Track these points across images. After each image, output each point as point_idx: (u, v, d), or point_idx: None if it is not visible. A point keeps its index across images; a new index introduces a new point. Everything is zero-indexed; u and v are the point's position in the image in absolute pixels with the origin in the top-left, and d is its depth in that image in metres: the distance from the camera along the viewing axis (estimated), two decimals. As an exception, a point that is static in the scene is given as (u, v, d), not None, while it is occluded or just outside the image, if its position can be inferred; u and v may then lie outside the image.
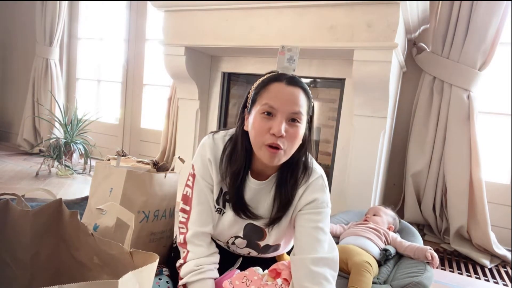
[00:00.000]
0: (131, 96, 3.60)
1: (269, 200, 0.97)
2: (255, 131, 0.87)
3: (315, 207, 0.94)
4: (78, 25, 3.91)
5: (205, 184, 0.99)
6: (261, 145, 0.87)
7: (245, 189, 0.97)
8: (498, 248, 1.98)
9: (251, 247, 1.05)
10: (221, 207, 1.01)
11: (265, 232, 1.00)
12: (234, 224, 1.01)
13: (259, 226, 1.00)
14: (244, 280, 0.96)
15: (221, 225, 1.02)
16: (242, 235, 1.02)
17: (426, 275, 1.24)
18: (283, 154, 0.87)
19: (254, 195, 0.97)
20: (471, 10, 2.00)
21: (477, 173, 2.02)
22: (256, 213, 0.98)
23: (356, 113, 1.98)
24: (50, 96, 3.70)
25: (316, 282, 0.85)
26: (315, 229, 0.92)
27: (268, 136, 0.85)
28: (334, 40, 1.83)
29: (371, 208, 1.67)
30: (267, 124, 0.85)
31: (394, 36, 1.70)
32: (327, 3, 1.82)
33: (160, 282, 1.16)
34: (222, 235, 1.05)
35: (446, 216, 2.15)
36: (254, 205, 0.98)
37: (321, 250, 0.90)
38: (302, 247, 0.91)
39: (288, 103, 0.85)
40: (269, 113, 0.86)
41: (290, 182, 0.93)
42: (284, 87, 0.87)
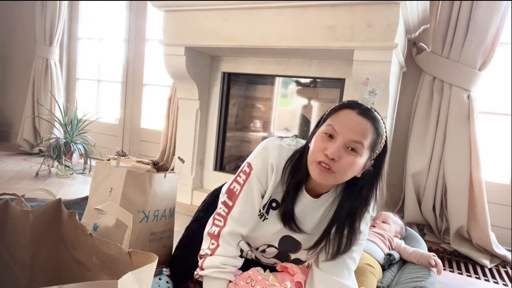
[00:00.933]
0: (131, 96, 3.60)
1: (316, 219, 0.99)
2: (313, 147, 0.90)
3: (357, 253, 0.98)
4: (78, 25, 3.91)
5: (258, 187, 0.98)
6: (313, 161, 0.88)
7: (298, 203, 0.97)
8: (498, 248, 1.98)
9: (279, 258, 1.06)
10: (264, 213, 1.00)
11: (301, 246, 1.01)
12: (272, 233, 1.01)
13: (297, 240, 1.00)
14: (248, 281, 0.96)
15: (259, 230, 1.01)
16: (277, 245, 1.02)
17: (430, 281, 1.24)
18: (332, 177, 0.87)
19: (303, 209, 0.98)
20: (471, 10, 2.00)
21: (477, 173, 2.02)
22: (301, 227, 0.98)
23: (356, 113, 1.97)
24: (50, 96, 3.70)
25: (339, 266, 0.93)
26: (349, 258, 0.96)
27: (321, 155, 0.87)
28: (334, 40, 1.83)
29: (381, 214, 1.67)
30: (325, 144, 0.87)
31: (394, 36, 1.70)
32: (327, 3, 1.82)
33: (160, 282, 1.16)
34: (256, 240, 1.04)
35: (446, 216, 2.15)
36: (302, 219, 0.98)
37: (348, 278, 0.95)
38: (333, 270, 0.95)
39: (351, 131, 0.86)
40: (331, 135, 0.88)
41: (354, 226, 0.94)
42: (353, 115, 0.88)
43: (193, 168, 2.57)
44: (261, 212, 1.00)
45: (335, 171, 0.86)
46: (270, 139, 1.02)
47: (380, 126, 0.91)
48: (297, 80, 2.36)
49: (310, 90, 2.34)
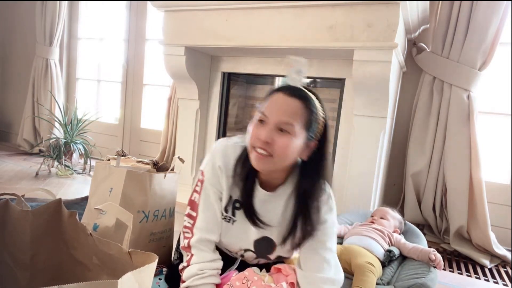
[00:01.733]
0: (131, 96, 3.60)
1: (278, 212, 0.98)
2: (249, 136, 0.91)
3: (324, 228, 0.96)
4: (78, 25, 3.91)
5: (213, 191, 0.99)
6: (251, 149, 0.90)
7: (255, 198, 0.98)
8: (498, 248, 1.98)
9: (261, 257, 1.07)
10: (230, 215, 1.01)
11: (275, 245, 1.01)
12: (246, 235, 1.01)
13: (270, 238, 1.00)
14: (244, 281, 0.96)
15: (231, 234, 1.01)
16: (253, 249, 1.03)
17: (430, 277, 1.23)
18: (271, 162, 0.87)
19: (263, 204, 0.98)
20: (471, 10, 2.00)
21: (477, 173, 2.02)
22: (265, 221, 0.98)
23: (356, 113, 1.98)
24: (50, 96, 3.70)
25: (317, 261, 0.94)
26: (323, 249, 0.96)
27: (256, 141, 0.88)
28: (334, 40, 1.83)
29: (378, 210, 1.66)
30: (258, 130, 0.88)
31: (394, 36, 1.70)
32: (327, 3, 1.82)
33: (160, 282, 1.17)
34: (232, 246, 1.05)
35: (446, 216, 2.15)
36: (264, 213, 0.98)
37: (329, 270, 0.96)
38: (311, 266, 0.96)
39: (280, 112, 0.86)
40: (262, 120, 0.89)
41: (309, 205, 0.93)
42: (281, 97, 0.88)
43: (193, 168, 2.57)
44: (227, 216, 1.00)
45: (273, 154, 0.86)
46: (218, 141, 1.03)
47: (312, 104, 0.89)
48: (297, 80, 2.36)
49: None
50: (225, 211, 1.00)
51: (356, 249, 1.34)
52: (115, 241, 0.85)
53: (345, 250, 1.34)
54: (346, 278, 1.24)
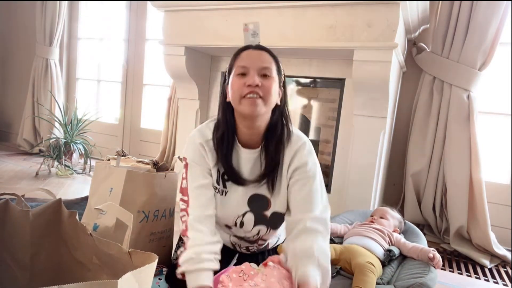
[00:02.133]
0: (131, 96, 3.60)
1: (261, 168, 1.04)
2: (233, 89, 0.97)
3: (306, 171, 1.01)
4: (78, 25, 3.91)
5: (199, 169, 1.03)
6: (240, 99, 0.96)
7: (239, 160, 1.04)
8: (498, 248, 1.98)
9: (260, 222, 1.07)
10: (222, 188, 1.04)
11: (269, 200, 1.04)
12: (240, 200, 1.04)
13: (262, 194, 1.04)
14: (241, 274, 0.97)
15: (226, 205, 1.04)
16: (249, 209, 1.05)
17: (430, 276, 1.23)
18: (262, 103, 0.95)
19: (245, 162, 1.04)
20: (471, 10, 2.00)
21: (477, 173, 2.02)
22: (247, 178, 1.03)
23: (356, 113, 1.97)
24: (50, 96, 3.70)
25: (312, 235, 0.94)
26: (309, 191, 1.00)
27: (244, 89, 0.94)
28: (334, 40, 1.83)
29: (378, 210, 1.66)
30: (242, 80, 0.96)
31: (394, 36, 1.70)
32: (327, 3, 1.82)
33: (160, 282, 1.17)
34: (229, 216, 1.06)
35: (446, 216, 2.15)
36: (247, 171, 1.03)
37: (316, 209, 0.98)
38: (298, 208, 0.99)
39: (257, 61, 0.97)
40: (243, 73, 0.97)
41: (274, 141, 1.01)
42: (252, 51, 1.00)
43: (193, 168, 2.57)
44: (219, 189, 1.05)
45: (262, 96, 0.94)
46: (191, 133, 1.09)
47: (275, 55, 1.03)
48: (297, 80, 2.36)
49: (310, 90, 2.34)
50: (217, 184, 1.04)
51: (356, 248, 1.34)
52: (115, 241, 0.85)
53: (345, 249, 1.34)
54: (346, 278, 1.24)
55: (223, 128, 1.02)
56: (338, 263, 1.30)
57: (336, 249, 1.32)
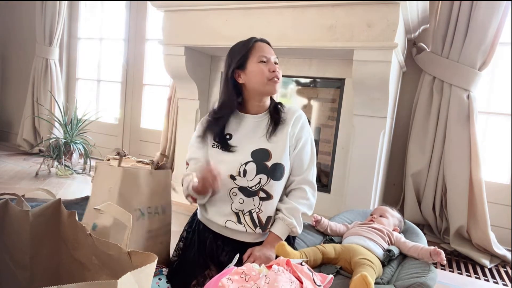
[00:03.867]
0: (131, 96, 3.60)
1: (265, 125, 1.27)
2: (259, 75, 1.21)
3: (301, 140, 1.25)
4: (78, 25, 3.91)
5: (197, 141, 1.29)
6: (266, 82, 1.21)
7: (242, 125, 1.27)
8: (498, 248, 1.98)
9: (261, 172, 1.19)
10: (222, 146, 1.25)
11: (270, 152, 1.21)
12: (242, 153, 1.22)
13: (264, 148, 1.22)
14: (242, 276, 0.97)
15: (230, 156, 1.22)
16: (252, 158, 1.21)
17: (430, 276, 1.23)
18: (280, 84, 1.25)
19: (251, 126, 1.27)
20: (471, 10, 2.00)
21: (477, 173, 2.02)
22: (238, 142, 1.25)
23: (356, 113, 1.97)
24: (50, 96, 3.70)
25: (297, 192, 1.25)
26: (301, 158, 1.25)
27: (269, 74, 1.21)
28: (333, 40, 1.83)
29: (378, 209, 1.66)
30: (266, 67, 1.22)
31: (394, 36, 1.70)
32: (327, 3, 1.82)
33: (160, 282, 1.17)
34: (233, 164, 1.20)
35: (446, 216, 2.15)
36: (252, 132, 1.25)
37: (305, 171, 1.25)
38: (293, 170, 1.25)
39: (270, 52, 1.26)
40: (264, 61, 1.22)
41: (275, 106, 1.31)
42: (263, 44, 1.28)
43: (193, 168, 2.57)
44: (219, 146, 1.25)
45: (279, 78, 1.24)
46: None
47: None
48: (297, 80, 2.36)
49: (310, 90, 2.34)
50: (216, 142, 1.25)
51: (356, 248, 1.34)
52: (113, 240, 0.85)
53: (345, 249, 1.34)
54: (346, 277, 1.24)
55: (228, 106, 1.26)
56: (338, 262, 1.30)
57: (336, 248, 1.32)
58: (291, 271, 0.98)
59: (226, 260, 1.19)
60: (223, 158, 1.22)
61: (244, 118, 1.28)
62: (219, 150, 1.24)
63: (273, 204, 1.23)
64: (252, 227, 1.22)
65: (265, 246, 1.17)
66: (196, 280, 1.21)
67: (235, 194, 1.21)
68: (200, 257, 1.24)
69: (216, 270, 1.21)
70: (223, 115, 1.26)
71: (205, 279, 1.20)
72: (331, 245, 1.31)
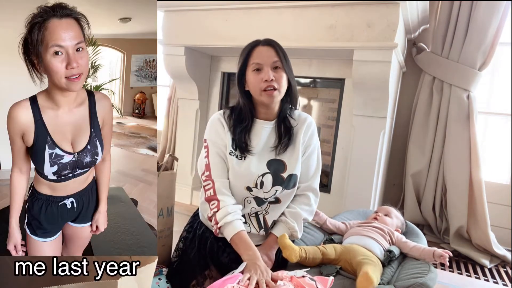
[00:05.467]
0: (131, 96, 3.59)
1: (276, 134, 1.22)
2: (253, 84, 1.14)
3: (310, 149, 1.24)
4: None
5: (217, 146, 1.19)
6: (260, 92, 1.13)
7: (256, 131, 1.21)
8: (498, 248, 1.98)
9: (277, 183, 1.19)
10: (239, 153, 1.19)
11: (285, 163, 1.20)
12: (258, 163, 1.20)
13: (279, 159, 1.20)
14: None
15: (247, 167, 1.18)
16: (268, 169, 1.19)
17: (430, 276, 1.23)
18: (277, 94, 1.14)
19: (263, 132, 1.21)
20: (471, 10, 2.00)
21: (477, 173, 2.02)
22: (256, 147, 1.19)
23: (356, 113, 1.97)
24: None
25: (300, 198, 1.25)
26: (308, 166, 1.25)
27: (262, 84, 1.12)
28: (333, 40, 1.83)
29: (384, 208, 1.65)
30: (259, 76, 1.13)
31: (394, 36, 1.70)
32: (326, 3, 1.82)
33: (160, 282, 1.17)
34: (250, 177, 1.18)
35: (446, 216, 2.15)
36: (265, 142, 1.20)
37: (311, 178, 1.25)
38: (299, 179, 1.23)
39: (268, 57, 1.14)
40: (258, 69, 1.14)
41: (285, 115, 1.23)
42: (262, 48, 1.17)
43: (193, 168, 2.57)
44: (236, 154, 1.19)
45: (277, 87, 1.13)
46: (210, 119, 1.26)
47: (281, 47, 1.18)
48: (297, 80, 2.35)
49: (310, 90, 2.35)
50: (234, 151, 1.19)
51: (357, 248, 1.33)
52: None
53: (346, 249, 1.33)
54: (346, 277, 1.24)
55: (244, 112, 1.20)
56: (338, 263, 1.30)
57: (336, 249, 1.32)
58: (296, 285, 0.97)
59: (226, 261, 1.19)
60: (240, 169, 1.18)
61: (257, 124, 1.22)
62: (236, 158, 1.19)
63: (281, 209, 1.24)
64: (257, 228, 1.23)
65: (265, 248, 1.18)
66: (196, 280, 1.21)
67: (249, 202, 1.21)
68: (201, 257, 1.24)
69: (216, 271, 1.21)
70: (246, 123, 1.19)
71: (205, 279, 1.20)
72: (331, 246, 1.30)
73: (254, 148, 1.19)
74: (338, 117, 2.17)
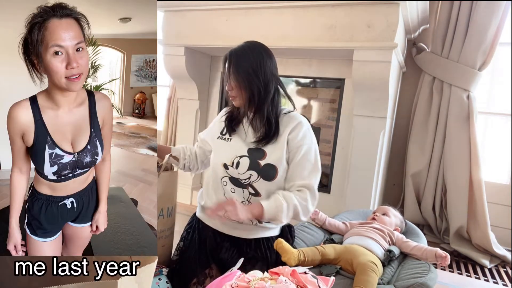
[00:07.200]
0: (131, 96, 3.59)
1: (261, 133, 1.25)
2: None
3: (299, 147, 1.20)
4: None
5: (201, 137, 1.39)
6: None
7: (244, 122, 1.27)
8: (497, 248, 1.98)
9: (253, 168, 1.19)
10: (228, 136, 1.28)
11: (265, 152, 1.20)
12: (240, 148, 1.23)
13: (260, 148, 1.22)
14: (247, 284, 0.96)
15: (229, 147, 1.24)
16: (247, 154, 1.21)
17: (430, 276, 1.23)
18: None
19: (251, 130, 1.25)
20: (471, 10, 2.00)
21: (476, 173, 2.02)
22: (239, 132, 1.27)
23: (356, 113, 1.97)
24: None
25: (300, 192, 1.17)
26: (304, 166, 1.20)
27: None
28: (334, 40, 1.83)
29: (381, 207, 1.66)
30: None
31: (394, 36, 1.70)
32: (327, 3, 1.82)
33: (160, 282, 1.17)
34: (229, 154, 1.22)
35: (446, 216, 2.15)
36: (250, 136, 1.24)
37: (307, 178, 1.19)
38: (293, 176, 1.20)
39: None
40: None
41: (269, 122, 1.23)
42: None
43: (193, 168, 2.56)
44: (225, 136, 1.28)
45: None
46: None
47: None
48: (297, 80, 2.36)
49: (309, 90, 2.34)
50: (223, 134, 1.28)
51: (358, 248, 1.33)
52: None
53: (346, 249, 1.33)
54: (346, 277, 1.24)
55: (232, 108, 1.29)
56: (338, 263, 1.30)
57: (336, 249, 1.32)
58: (297, 282, 0.97)
59: (226, 257, 1.19)
60: (223, 147, 1.26)
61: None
62: (223, 141, 1.28)
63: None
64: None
65: (244, 207, 1.15)
66: (197, 278, 1.21)
67: (225, 183, 1.22)
68: (202, 255, 1.24)
69: (216, 269, 1.21)
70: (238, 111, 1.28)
71: (206, 277, 1.20)
72: (331, 246, 1.30)
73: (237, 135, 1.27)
74: (338, 117, 2.17)
